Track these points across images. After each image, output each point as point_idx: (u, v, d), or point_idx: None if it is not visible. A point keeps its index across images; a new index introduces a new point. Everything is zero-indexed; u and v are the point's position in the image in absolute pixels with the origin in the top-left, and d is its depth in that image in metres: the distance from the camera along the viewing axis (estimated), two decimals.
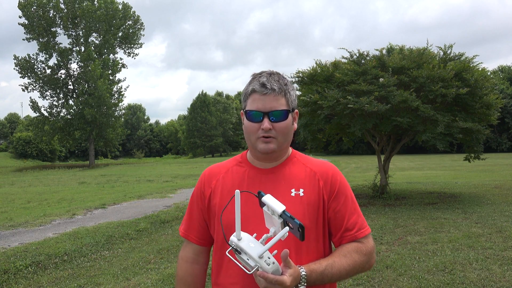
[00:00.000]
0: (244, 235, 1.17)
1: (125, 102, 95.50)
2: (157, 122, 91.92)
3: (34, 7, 38.22)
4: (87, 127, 38.95)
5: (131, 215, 8.57)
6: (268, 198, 1.17)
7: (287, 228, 1.14)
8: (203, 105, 62.08)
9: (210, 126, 61.50)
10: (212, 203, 1.44)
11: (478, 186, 12.54)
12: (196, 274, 1.51)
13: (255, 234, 1.21)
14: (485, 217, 7.49)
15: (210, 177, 1.49)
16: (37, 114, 39.72)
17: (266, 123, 1.31)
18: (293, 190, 1.37)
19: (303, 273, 1.22)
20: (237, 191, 1.16)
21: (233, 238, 1.17)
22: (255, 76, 1.37)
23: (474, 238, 5.93)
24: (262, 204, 1.20)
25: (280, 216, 1.14)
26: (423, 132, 8.67)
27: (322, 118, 9.34)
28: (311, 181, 1.39)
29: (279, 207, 1.14)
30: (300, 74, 10.22)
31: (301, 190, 1.37)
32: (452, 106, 9.25)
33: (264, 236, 1.18)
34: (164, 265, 5.11)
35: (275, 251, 1.16)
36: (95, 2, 39.98)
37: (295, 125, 1.43)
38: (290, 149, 1.48)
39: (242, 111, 1.40)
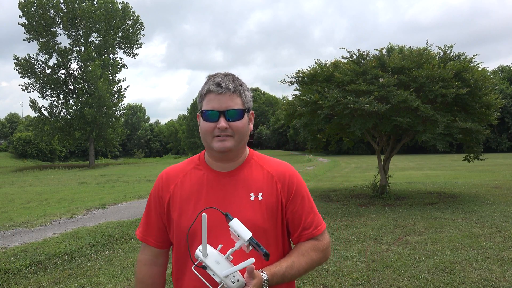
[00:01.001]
0: (210, 251, 1.20)
1: (125, 102, 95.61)
2: (157, 122, 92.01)
3: (34, 7, 38.22)
4: (87, 127, 38.95)
5: (131, 215, 8.57)
6: (234, 224, 1.19)
7: (252, 259, 1.17)
8: None
9: None
10: (172, 208, 1.43)
11: (478, 186, 12.54)
12: (155, 276, 1.52)
13: (220, 245, 1.23)
14: (485, 217, 7.49)
15: (168, 181, 1.46)
16: (37, 114, 39.76)
17: (222, 122, 1.31)
18: (252, 194, 1.38)
19: (265, 278, 1.25)
20: (204, 215, 1.18)
21: (198, 253, 1.20)
22: (210, 77, 1.38)
23: (474, 238, 5.93)
24: (228, 220, 1.22)
25: (247, 242, 1.18)
26: (423, 132, 8.67)
27: (322, 118, 9.34)
28: (269, 185, 1.41)
29: (246, 234, 1.17)
30: (300, 74, 10.23)
31: (260, 194, 1.38)
32: (452, 106, 9.25)
33: (230, 251, 1.21)
34: None
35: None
36: (95, 2, 39.97)
37: (251, 126, 1.44)
38: (247, 150, 1.48)
39: (198, 113, 1.41)
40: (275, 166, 1.46)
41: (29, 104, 39.44)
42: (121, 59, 42.93)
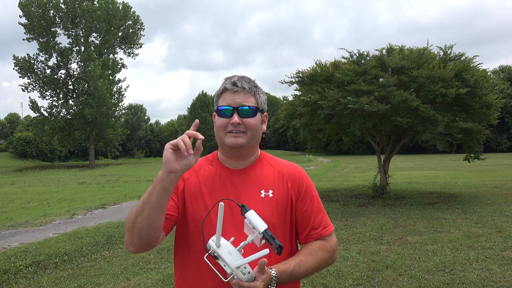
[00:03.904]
0: (223, 242, 1.21)
1: (126, 102, 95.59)
2: (157, 122, 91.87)
3: (34, 7, 38.20)
4: (87, 127, 38.92)
5: None
6: (251, 215, 1.20)
7: (267, 250, 1.17)
8: (203, 105, 62.15)
9: (210, 126, 61.09)
10: (186, 197, 1.44)
11: (478, 186, 12.54)
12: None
13: (232, 238, 1.24)
14: (485, 217, 7.49)
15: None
16: (37, 114, 39.73)
17: (235, 118, 1.36)
18: (262, 191, 1.42)
19: (274, 274, 1.28)
20: (221, 204, 1.19)
21: (211, 243, 1.20)
22: (227, 78, 1.44)
23: (474, 238, 5.93)
24: (244, 213, 1.23)
25: (261, 233, 1.18)
26: (423, 132, 8.67)
27: (322, 118, 9.34)
28: (279, 183, 1.45)
29: (261, 225, 1.18)
30: (300, 74, 10.22)
31: (271, 191, 1.43)
32: (452, 106, 9.25)
33: (242, 243, 1.22)
34: (164, 265, 5.12)
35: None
36: (95, 2, 39.96)
37: (264, 127, 1.48)
38: (259, 151, 1.52)
39: (214, 112, 1.44)
40: (285, 166, 1.51)
41: (28, 104, 39.44)
42: (121, 59, 42.96)
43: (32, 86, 39.67)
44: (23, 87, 39.57)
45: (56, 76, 40.08)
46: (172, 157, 1.21)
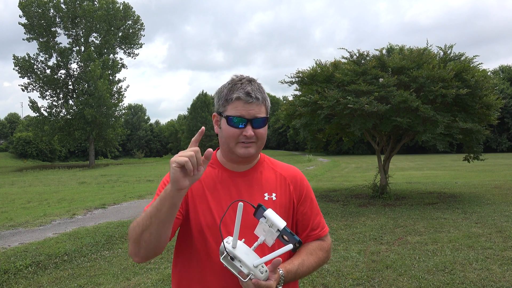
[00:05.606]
0: (238, 243, 1.22)
1: (126, 102, 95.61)
2: (157, 122, 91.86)
3: (34, 7, 38.19)
4: (87, 127, 38.91)
5: (131, 215, 8.57)
6: (270, 213, 1.23)
7: (290, 245, 1.19)
8: (203, 105, 62.09)
9: (210, 126, 60.29)
10: (189, 198, 1.41)
11: (478, 186, 12.54)
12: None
13: (243, 240, 1.25)
14: (485, 217, 7.49)
15: None
16: (37, 114, 39.72)
17: (250, 131, 1.36)
18: (266, 194, 1.45)
19: (282, 274, 1.30)
20: (241, 204, 1.20)
21: (226, 244, 1.20)
22: (236, 83, 1.39)
23: (474, 238, 5.93)
24: (259, 216, 1.24)
25: (280, 231, 1.20)
26: (423, 133, 8.67)
27: (322, 118, 9.34)
28: (282, 186, 1.49)
29: (281, 223, 1.21)
30: (300, 74, 10.22)
31: (274, 195, 1.46)
32: (452, 106, 9.25)
33: (255, 243, 1.25)
34: (164, 265, 5.12)
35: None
36: (95, 2, 39.95)
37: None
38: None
39: (215, 113, 1.43)
40: (286, 169, 1.55)
41: (28, 104, 39.43)
42: (121, 59, 42.94)
43: (32, 86, 39.67)
44: (23, 87, 39.58)
45: (56, 76, 40.08)
46: (181, 175, 1.13)
